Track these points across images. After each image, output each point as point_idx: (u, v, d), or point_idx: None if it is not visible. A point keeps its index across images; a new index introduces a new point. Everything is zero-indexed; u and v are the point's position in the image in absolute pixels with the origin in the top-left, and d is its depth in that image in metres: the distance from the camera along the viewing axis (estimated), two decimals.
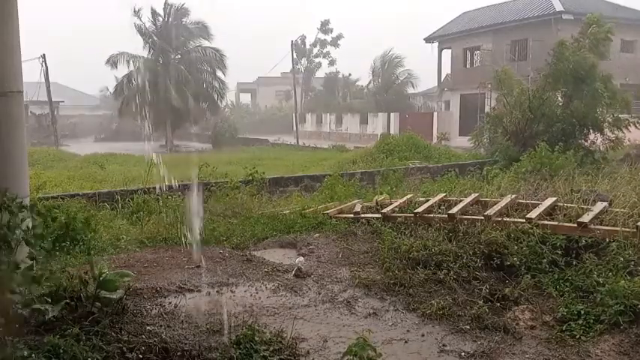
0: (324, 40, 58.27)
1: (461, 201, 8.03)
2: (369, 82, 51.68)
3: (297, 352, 4.46)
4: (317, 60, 59.63)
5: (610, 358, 4.50)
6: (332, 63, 58.26)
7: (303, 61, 58.89)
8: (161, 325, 4.65)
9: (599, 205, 6.83)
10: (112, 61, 40.96)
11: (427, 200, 8.58)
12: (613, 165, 14.77)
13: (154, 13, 41.79)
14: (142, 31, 41.57)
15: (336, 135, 46.45)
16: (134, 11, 40.61)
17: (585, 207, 6.95)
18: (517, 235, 6.52)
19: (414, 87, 49.97)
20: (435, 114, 41.76)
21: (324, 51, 58.82)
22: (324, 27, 58.06)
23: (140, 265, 6.57)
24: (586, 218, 6.47)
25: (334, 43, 58.07)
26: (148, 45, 41.72)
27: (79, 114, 60.05)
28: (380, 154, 22.22)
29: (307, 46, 58.48)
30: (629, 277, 5.33)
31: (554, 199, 7.46)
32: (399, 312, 5.47)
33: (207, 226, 8.37)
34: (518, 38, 35.06)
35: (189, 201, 9.90)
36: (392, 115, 41.89)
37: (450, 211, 7.56)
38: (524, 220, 6.76)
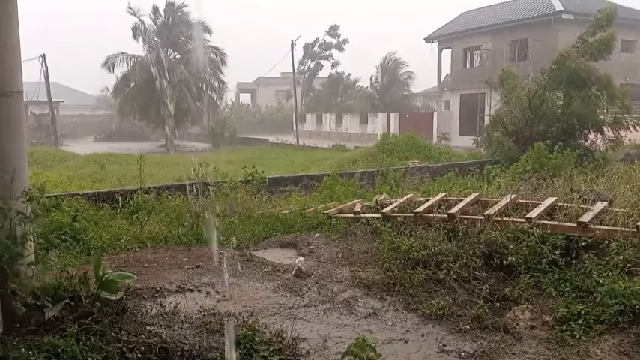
0: (330, 42, 58.16)
1: (461, 201, 8.03)
2: (367, 87, 51.74)
3: (297, 352, 4.46)
4: (319, 60, 59.53)
5: (610, 358, 4.50)
6: (335, 65, 58.21)
7: (308, 62, 58.75)
8: (161, 325, 4.64)
9: (599, 205, 6.83)
10: (110, 63, 40.86)
11: (427, 200, 8.58)
12: (613, 165, 14.76)
13: (154, 10, 41.75)
14: (141, 30, 41.51)
15: (336, 135, 46.46)
16: (133, 10, 40.55)
17: (585, 207, 6.95)
18: (517, 235, 6.53)
19: (413, 89, 50.02)
20: (435, 114, 41.76)
21: (327, 53, 58.73)
22: (333, 31, 57.86)
23: (140, 265, 6.57)
24: (586, 218, 6.47)
25: (339, 47, 57.98)
26: (147, 45, 41.67)
27: (79, 114, 60.05)
28: (380, 153, 22.21)
29: (315, 48, 58.28)
30: (628, 277, 5.33)
31: (554, 199, 7.46)
32: (399, 312, 5.47)
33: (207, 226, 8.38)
34: (518, 38, 35.07)
35: (189, 201, 9.92)
36: (392, 115, 41.93)
37: (450, 211, 7.56)
38: (524, 220, 6.76)
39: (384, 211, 8.45)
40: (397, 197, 9.55)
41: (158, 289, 5.68)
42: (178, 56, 42.76)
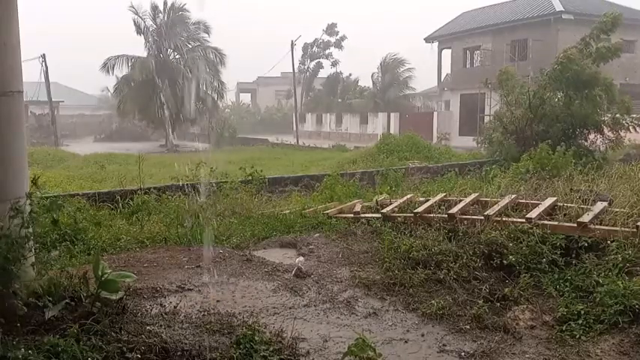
0: (328, 41, 58.12)
1: (461, 201, 8.03)
2: (369, 87, 51.69)
3: (297, 352, 4.46)
4: (319, 60, 59.58)
5: (610, 358, 4.50)
6: (334, 64, 58.18)
7: (307, 62, 58.73)
8: (161, 325, 4.65)
9: (599, 205, 6.83)
10: (110, 65, 40.77)
11: (427, 200, 8.58)
12: (613, 165, 14.76)
13: (154, 10, 41.73)
14: (141, 30, 41.49)
15: (336, 135, 46.47)
16: (134, 10, 40.55)
17: (585, 207, 6.95)
18: (517, 235, 6.53)
19: (413, 89, 49.96)
20: (435, 114, 41.76)
21: (327, 52, 58.72)
22: (330, 29, 57.79)
23: (140, 265, 6.57)
24: (586, 218, 6.47)
25: (338, 45, 57.93)
26: (147, 45, 41.67)
27: (79, 114, 60.04)
28: (380, 154, 22.21)
29: (314, 48, 58.24)
30: (628, 278, 5.33)
31: (554, 198, 7.46)
32: (399, 312, 5.48)
33: (207, 226, 8.38)
34: (518, 38, 35.06)
35: (189, 201, 9.92)
36: (392, 115, 41.94)
37: (450, 211, 7.56)
38: (524, 220, 6.76)
39: (384, 211, 8.45)
40: (397, 197, 9.55)
41: (158, 289, 5.68)
42: (178, 56, 42.73)
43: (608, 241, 6.04)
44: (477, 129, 29.29)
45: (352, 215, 8.85)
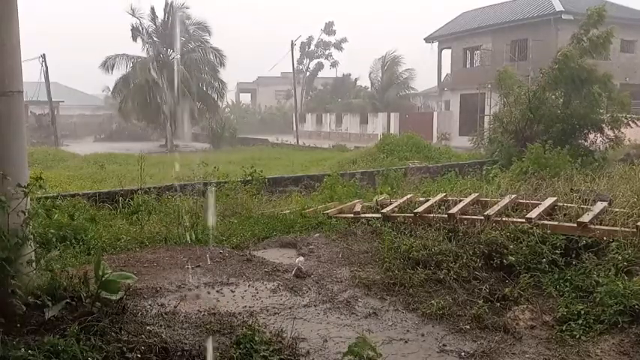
0: (328, 41, 58.12)
1: (461, 201, 8.03)
2: (368, 88, 51.69)
3: (297, 352, 4.46)
4: (319, 60, 59.65)
5: (610, 358, 4.50)
6: (334, 65, 58.19)
7: (306, 61, 58.77)
8: (161, 325, 4.65)
9: (599, 205, 6.83)
10: (109, 64, 40.71)
11: (427, 200, 8.58)
12: (613, 165, 14.75)
13: (154, 12, 41.73)
14: (141, 31, 41.45)
15: (336, 135, 46.48)
16: (132, 11, 40.52)
17: (585, 207, 6.95)
18: (517, 235, 6.53)
19: (413, 87, 49.93)
20: (435, 114, 41.77)
21: (327, 52, 58.74)
22: (328, 28, 57.84)
23: (140, 265, 6.57)
24: (586, 218, 6.47)
25: (338, 46, 57.93)
26: (147, 45, 41.64)
27: (79, 114, 60.01)
28: (380, 154, 22.24)
29: (312, 47, 58.31)
30: (628, 277, 5.33)
31: (554, 198, 7.46)
32: (399, 312, 5.47)
33: (207, 226, 8.38)
34: (518, 38, 35.06)
35: (189, 201, 9.91)
36: (392, 115, 41.94)
37: (449, 211, 7.56)
38: (524, 220, 6.76)
39: (384, 211, 8.45)
40: (397, 197, 9.55)
41: (158, 289, 5.68)
42: (178, 56, 42.67)
43: (608, 241, 6.04)
44: (477, 129, 29.30)
45: (352, 215, 8.85)
